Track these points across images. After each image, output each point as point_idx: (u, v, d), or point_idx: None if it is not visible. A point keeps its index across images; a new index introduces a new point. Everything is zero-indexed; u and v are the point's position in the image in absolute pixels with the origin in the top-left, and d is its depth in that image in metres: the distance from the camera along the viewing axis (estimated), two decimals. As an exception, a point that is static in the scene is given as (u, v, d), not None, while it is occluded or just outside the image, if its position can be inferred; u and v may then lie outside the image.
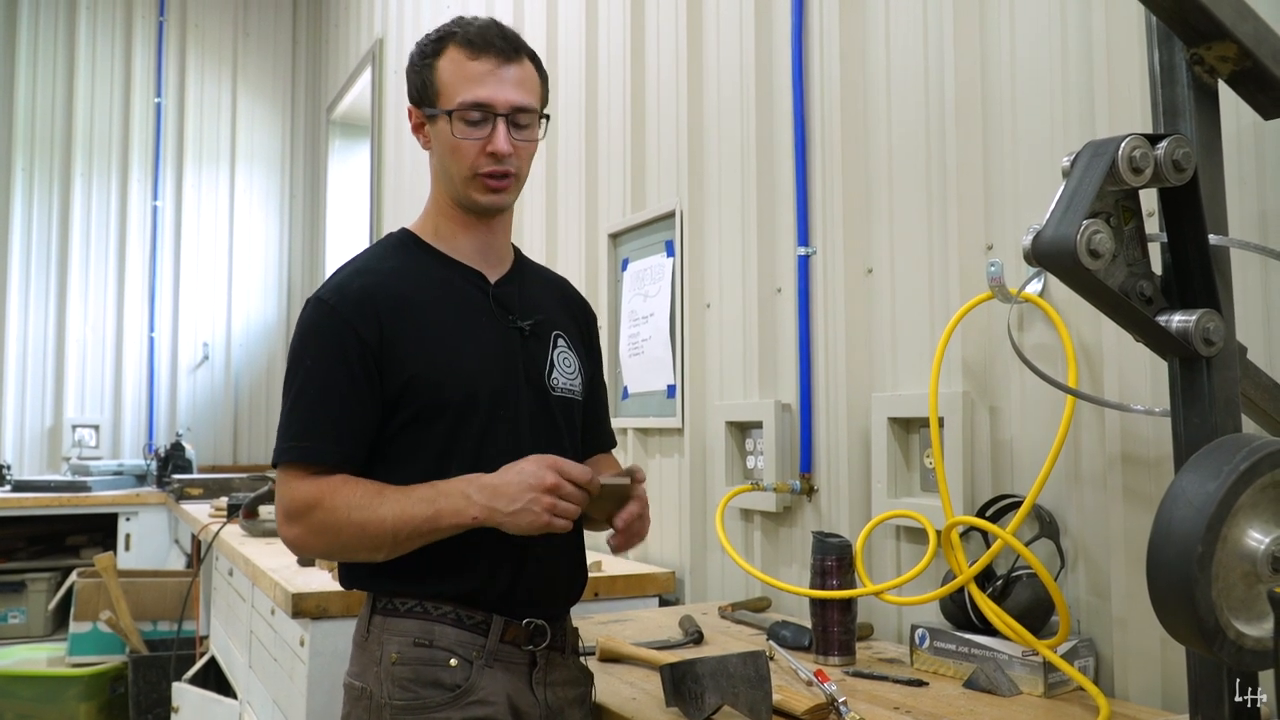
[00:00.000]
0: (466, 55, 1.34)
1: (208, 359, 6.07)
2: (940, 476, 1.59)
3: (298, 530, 1.28)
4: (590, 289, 2.84)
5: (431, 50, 1.36)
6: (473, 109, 1.33)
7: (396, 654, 1.28)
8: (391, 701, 1.27)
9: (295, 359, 1.33)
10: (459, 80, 1.33)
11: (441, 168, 1.39)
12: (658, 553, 2.52)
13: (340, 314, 1.30)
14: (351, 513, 1.24)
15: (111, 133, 5.95)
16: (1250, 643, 0.90)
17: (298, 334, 1.34)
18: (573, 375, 1.46)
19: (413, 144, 4.47)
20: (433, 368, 1.31)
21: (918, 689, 1.46)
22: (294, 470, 1.29)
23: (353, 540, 1.25)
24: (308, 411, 1.30)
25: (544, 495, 1.22)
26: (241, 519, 3.00)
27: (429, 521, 1.24)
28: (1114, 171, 0.97)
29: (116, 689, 3.97)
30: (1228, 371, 1.03)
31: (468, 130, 1.33)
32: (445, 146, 1.36)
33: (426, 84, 1.36)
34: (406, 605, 1.31)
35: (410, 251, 1.41)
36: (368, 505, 1.25)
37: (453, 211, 1.41)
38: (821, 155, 2.02)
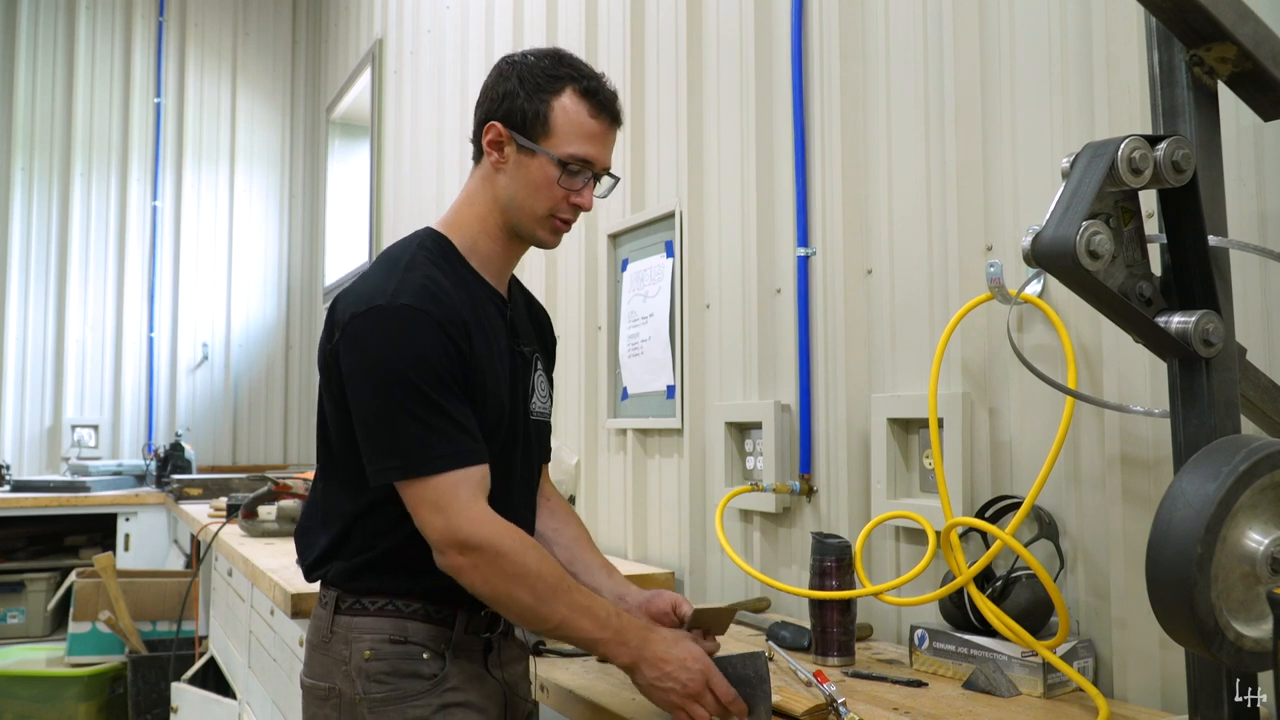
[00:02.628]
0: (588, 109, 1.34)
1: (207, 359, 6.07)
2: (940, 477, 1.59)
3: (472, 560, 1.22)
4: (590, 290, 2.84)
5: (548, 85, 1.34)
6: (580, 163, 1.35)
7: (370, 651, 1.30)
8: (368, 696, 1.29)
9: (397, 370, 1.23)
10: (574, 132, 1.34)
11: (512, 196, 1.36)
12: (657, 553, 2.52)
13: (440, 324, 1.26)
14: (538, 583, 1.23)
15: (111, 133, 5.95)
16: (1249, 644, 0.90)
17: (393, 340, 1.24)
18: (546, 399, 1.50)
19: (413, 145, 4.47)
20: (481, 389, 1.31)
21: (917, 690, 1.46)
22: (463, 486, 1.23)
23: (518, 602, 1.24)
24: (446, 415, 1.24)
25: (683, 698, 1.25)
26: (241, 519, 3.00)
27: (592, 643, 1.27)
28: (1113, 173, 0.97)
29: (116, 689, 3.97)
30: (1227, 373, 1.03)
31: (568, 180, 1.35)
32: (531, 182, 1.35)
33: (536, 116, 1.33)
34: (377, 604, 1.32)
35: (454, 264, 1.37)
36: (554, 586, 1.24)
37: (498, 234, 1.40)
38: (821, 156, 2.02)
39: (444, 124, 4.08)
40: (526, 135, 1.34)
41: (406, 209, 4.57)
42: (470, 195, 1.42)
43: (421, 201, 4.34)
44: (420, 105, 4.42)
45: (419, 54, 4.46)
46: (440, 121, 4.13)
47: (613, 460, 2.73)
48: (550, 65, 1.35)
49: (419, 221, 4.65)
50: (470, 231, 1.40)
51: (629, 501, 2.61)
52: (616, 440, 2.71)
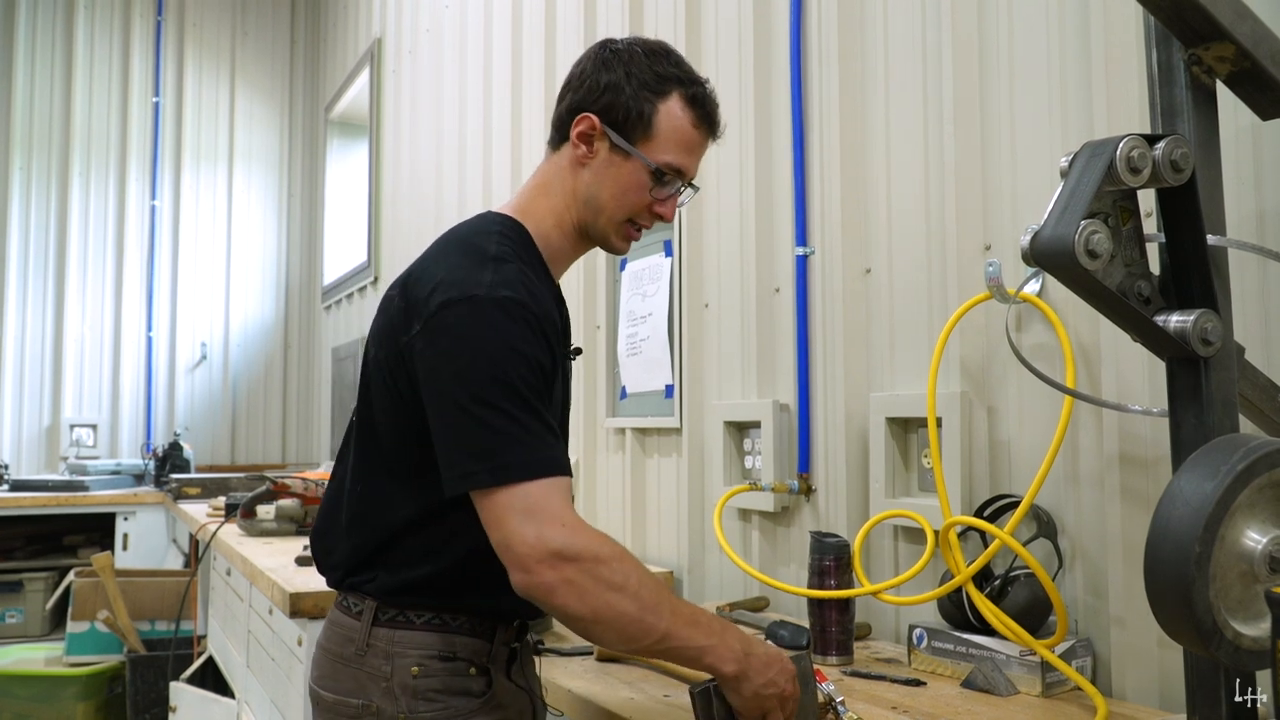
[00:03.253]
0: (692, 118, 1.28)
1: (205, 359, 6.07)
2: (938, 476, 1.59)
3: (567, 574, 1.08)
4: (588, 289, 2.84)
5: (655, 86, 1.26)
6: (675, 173, 1.28)
7: (419, 667, 1.23)
8: (414, 714, 1.21)
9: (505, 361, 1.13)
10: (675, 140, 1.27)
11: (594, 195, 1.28)
12: (656, 553, 2.52)
13: (540, 320, 1.17)
14: (642, 590, 1.11)
15: (109, 132, 5.95)
16: (1247, 642, 0.90)
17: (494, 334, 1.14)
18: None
19: (411, 144, 4.47)
20: (559, 392, 1.26)
21: (915, 689, 1.46)
22: (554, 495, 1.11)
23: (621, 618, 1.10)
24: (537, 419, 1.13)
25: (779, 704, 1.19)
26: (239, 519, 3.00)
27: (699, 651, 1.14)
28: (1112, 172, 0.97)
29: (114, 689, 3.97)
30: (1225, 372, 1.03)
31: (658, 189, 1.28)
32: (619, 184, 1.27)
33: (638, 116, 1.25)
34: (424, 618, 1.25)
35: (534, 255, 1.28)
36: (656, 595, 1.12)
37: (570, 231, 1.32)
38: (820, 155, 2.02)
39: (443, 123, 4.08)
40: (625, 135, 1.26)
41: (405, 208, 4.56)
42: (546, 184, 1.32)
43: (421, 200, 4.34)
44: (419, 105, 4.42)
45: (418, 53, 4.46)
46: (439, 121, 4.13)
47: (611, 460, 2.73)
48: (659, 63, 1.27)
49: (418, 222, 4.65)
50: (545, 223, 1.31)
51: (627, 501, 2.61)
52: (615, 440, 2.71)
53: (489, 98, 3.59)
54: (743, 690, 1.16)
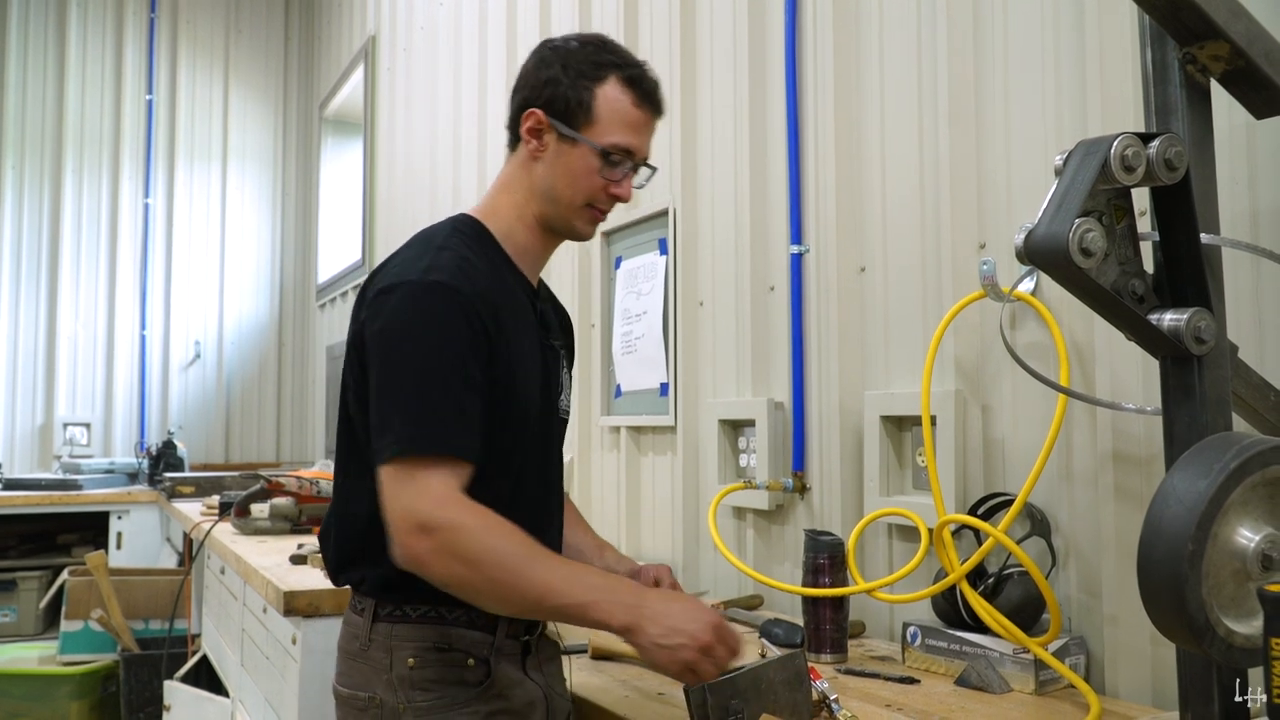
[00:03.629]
0: (632, 99, 1.32)
1: (199, 357, 6.05)
2: (932, 474, 1.59)
3: (432, 545, 1.13)
4: (583, 287, 2.84)
5: (591, 73, 1.31)
6: (622, 153, 1.32)
7: (415, 659, 1.25)
8: (413, 705, 1.24)
9: (419, 343, 1.20)
10: (618, 121, 1.31)
11: (550, 185, 1.33)
12: (650, 551, 2.52)
13: (472, 304, 1.22)
14: (506, 557, 1.14)
15: (102, 129, 5.93)
16: (1240, 640, 0.90)
17: (416, 316, 1.20)
18: (569, 397, 1.48)
19: (406, 142, 4.47)
20: (513, 374, 1.27)
21: (909, 686, 1.47)
22: (434, 472, 1.16)
23: (491, 581, 1.14)
24: (448, 403, 1.18)
25: (694, 651, 1.14)
26: (233, 517, 3.00)
27: (581, 608, 1.15)
28: (1106, 170, 0.97)
29: (108, 687, 3.95)
30: (1219, 370, 1.03)
31: (609, 170, 1.32)
32: (571, 172, 1.32)
33: (579, 104, 1.31)
34: (419, 611, 1.27)
35: (490, 248, 1.34)
36: (527, 556, 1.15)
37: (533, 223, 1.37)
38: (815, 153, 2.02)
39: (437, 121, 4.08)
40: (568, 123, 1.31)
41: (400, 206, 4.56)
42: (507, 182, 1.38)
43: (415, 198, 4.33)
44: (414, 102, 4.41)
45: (412, 51, 4.46)
46: (434, 118, 4.12)
47: (606, 458, 2.73)
48: (594, 52, 1.33)
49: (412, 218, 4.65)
50: (507, 219, 1.37)
51: (622, 499, 2.61)
52: (610, 438, 2.71)
53: (483, 95, 3.59)
54: (640, 641, 1.14)
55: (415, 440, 1.17)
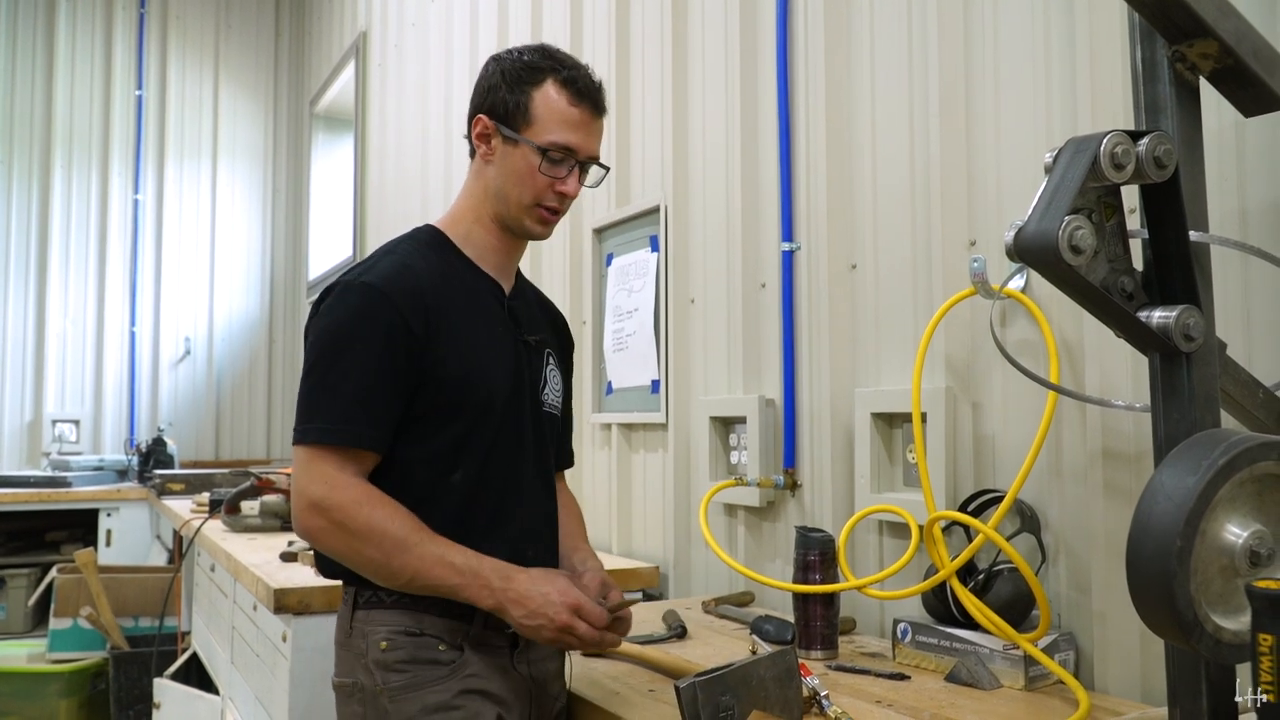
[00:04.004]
0: (567, 99, 1.39)
1: (189, 354, 6.03)
2: (923, 471, 1.60)
3: (320, 524, 1.27)
4: (575, 284, 2.83)
5: (528, 77, 1.39)
6: (561, 151, 1.38)
7: (386, 642, 1.31)
8: (387, 686, 1.30)
9: (337, 339, 1.30)
10: (554, 120, 1.38)
11: (500, 187, 1.41)
12: (642, 548, 2.53)
13: (393, 301, 1.30)
14: (384, 539, 1.25)
15: (92, 126, 5.90)
16: (1228, 636, 0.91)
17: (342, 314, 1.31)
18: (558, 393, 1.53)
19: (397, 138, 4.45)
20: (461, 369, 1.34)
21: (899, 683, 1.47)
22: (330, 457, 1.27)
23: (370, 561, 1.27)
24: (352, 394, 1.28)
25: (554, 631, 1.27)
26: (223, 514, 2.99)
27: (450, 590, 1.27)
28: (1096, 168, 0.97)
29: (97, 685, 3.94)
30: (1207, 367, 1.04)
31: (550, 168, 1.39)
32: (515, 172, 1.39)
33: (517, 107, 1.38)
34: (393, 597, 1.33)
35: (443, 253, 1.43)
36: (403, 539, 1.25)
37: (491, 225, 1.45)
38: (806, 150, 2.02)
39: (428, 117, 4.07)
40: (509, 126, 1.39)
41: (391, 203, 4.55)
42: (467, 189, 1.47)
43: (406, 195, 4.32)
44: (405, 98, 4.40)
45: (403, 47, 4.44)
46: (425, 115, 4.11)
47: (597, 455, 2.73)
48: (532, 58, 1.41)
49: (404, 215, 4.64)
50: (465, 223, 1.45)
51: (614, 496, 2.61)
52: (601, 435, 2.71)
53: (475, 92, 3.57)
54: (509, 621, 1.28)
55: (317, 430, 1.28)
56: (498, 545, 1.33)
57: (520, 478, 1.40)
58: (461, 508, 1.33)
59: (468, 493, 1.34)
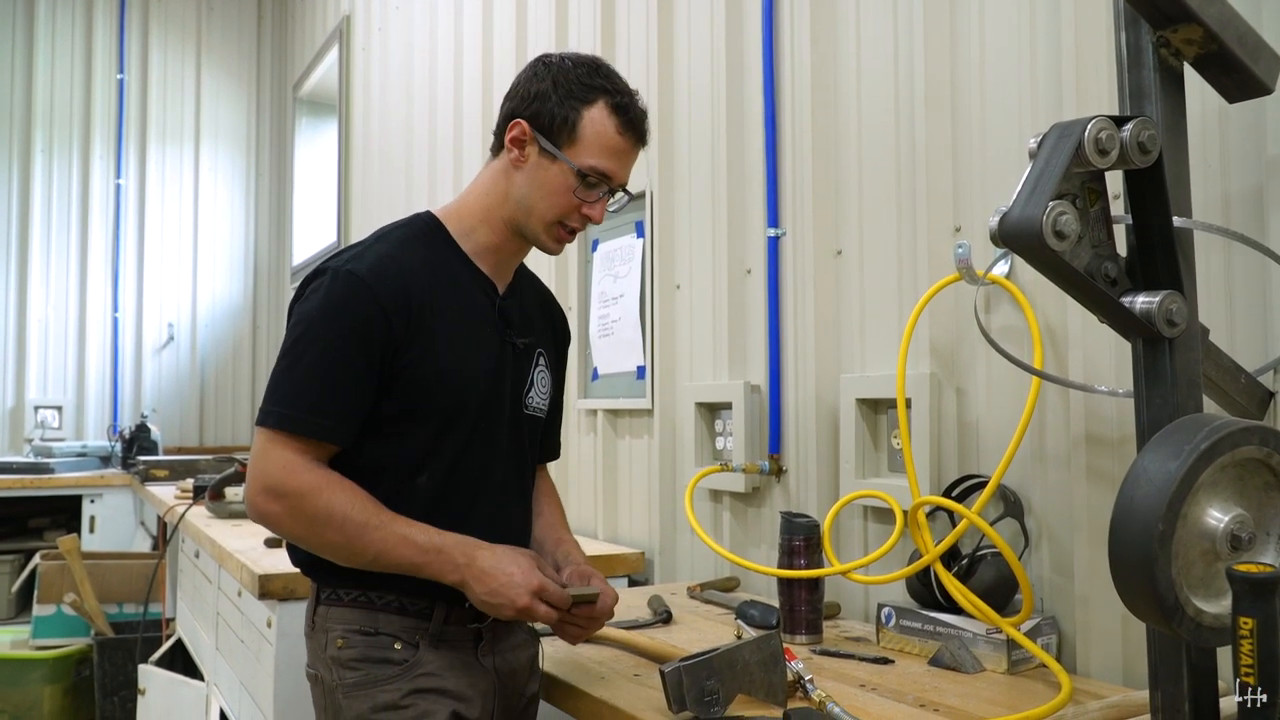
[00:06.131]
0: (616, 125, 1.35)
1: (173, 340, 5.99)
2: (907, 457, 1.60)
3: (277, 509, 1.25)
4: (560, 270, 2.83)
5: (581, 94, 1.34)
6: (599, 176, 1.35)
7: (342, 640, 1.32)
8: (342, 683, 1.31)
9: (315, 325, 1.28)
10: (599, 145, 1.34)
11: (524, 196, 1.36)
12: (627, 533, 2.53)
13: (376, 295, 1.28)
14: (345, 522, 1.24)
15: (72, 109, 5.84)
16: (1209, 619, 0.91)
17: (323, 300, 1.29)
18: (545, 395, 1.50)
19: (381, 124, 4.42)
20: (436, 371, 1.32)
21: (883, 666, 1.48)
22: (291, 443, 1.26)
23: (330, 543, 1.26)
24: (322, 384, 1.27)
25: (514, 611, 1.26)
26: (207, 501, 2.97)
27: (413, 568, 1.26)
28: (1080, 153, 0.97)
29: (82, 672, 3.92)
30: (1190, 352, 1.04)
31: (584, 191, 1.35)
32: (546, 187, 1.35)
33: (564, 122, 1.33)
34: (350, 595, 1.33)
35: (437, 245, 1.39)
36: (363, 521, 1.24)
37: (501, 228, 1.40)
38: (792, 137, 2.01)
39: (413, 102, 4.04)
40: (551, 139, 1.34)
41: (375, 188, 4.52)
42: (482, 185, 1.42)
43: (391, 180, 4.29)
44: (389, 83, 4.37)
45: (387, 31, 4.41)
46: (409, 99, 4.08)
47: (583, 441, 2.73)
48: (586, 74, 1.35)
49: (388, 201, 4.61)
50: (471, 220, 1.40)
51: (599, 482, 2.61)
52: (587, 421, 2.71)
53: (459, 76, 3.56)
54: (472, 597, 1.27)
55: (285, 417, 1.26)
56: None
57: (490, 482, 1.38)
58: (425, 511, 1.30)
59: (433, 496, 1.33)
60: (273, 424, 1.26)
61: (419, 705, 1.30)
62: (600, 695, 1.37)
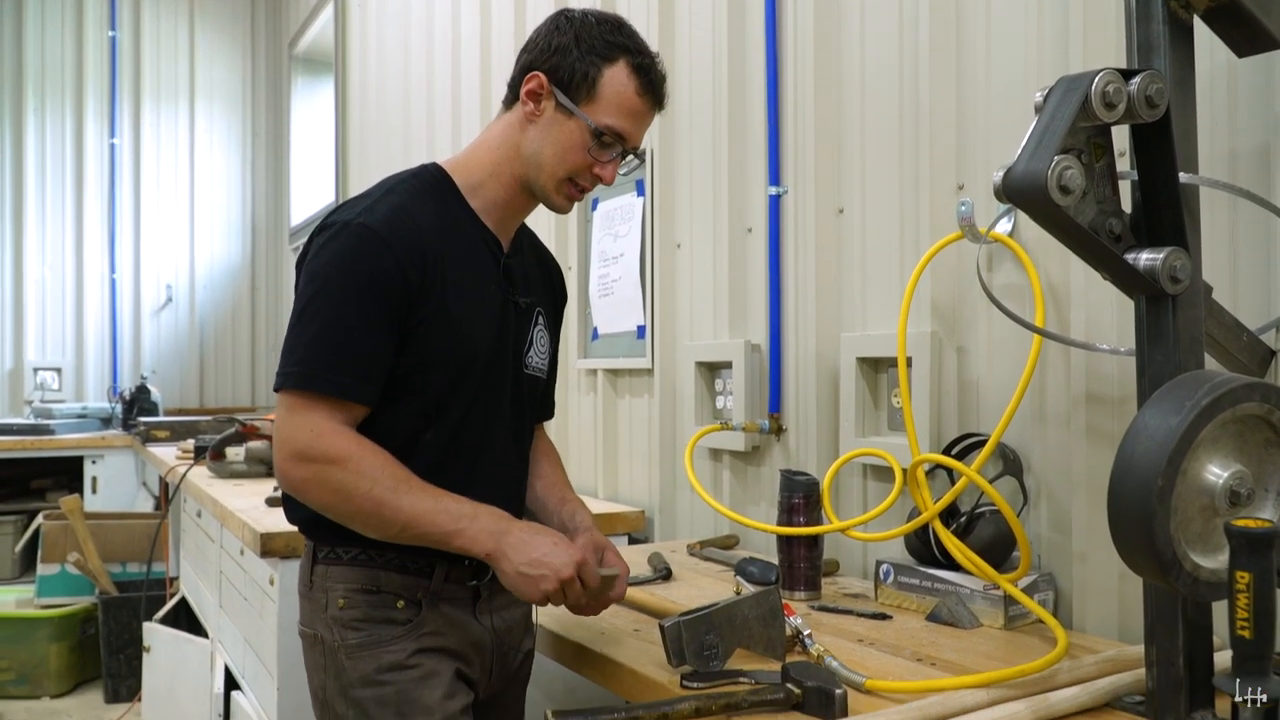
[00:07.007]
0: (636, 86, 1.32)
1: (171, 301, 5.98)
2: (907, 415, 1.60)
3: (306, 474, 1.22)
4: (560, 229, 2.81)
5: (603, 51, 1.31)
6: (614, 136, 1.32)
7: (344, 600, 1.31)
8: (345, 643, 1.30)
9: (330, 281, 1.24)
10: (618, 104, 1.31)
11: (536, 151, 1.33)
12: (628, 492, 2.54)
13: (393, 250, 1.24)
14: (374, 487, 1.21)
15: (64, 68, 5.78)
16: (1206, 574, 0.92)
17: (337, 255, 1.25)
18: (544, 354, 1.49)
19: (379, 81, 4.38)
20: (446, 328, 1.29)
21: (881, 622, 1.49)
22: (316, 406, 1.22)
23: (360, 512, 1.22)
24: (340, 342, 1.23)
25: (555, 582, 1.22)
26: (209, 461, 2.98)
27: (446, 535, 1.23)
28: (1087, 107, 0.96)
29: (87, 630, 3.97)
30: (1193, 310, 1.04)
31: (598, 150, 1.33)
32: (560, 143, 1.32)
33: (584, 78, 1.30)
34: (350, 553, 1.32)
35: (447, 200, 1.35)
36: (394, 488, 1.22)
37: (510, 183, 1.37)
38: (794, 94, 1.99)
39: (410, 60, 3.99)
40: (569, 95, 1.31)
41: (373, 147, 4.48)
42: (492, 138, 1.38)
43: (389, 138, 4.26)
44: (386, 40, 4.31)
45: (384, -14, 4.35)
46: (406, 55, 4.04)
47: (583, 401, 2.73)
48: (610, 31, 1.33)
49: (386, 158, 4.57)
50: (479, 173, 1.37)
51: (599, 442, 2.62)
52: (587, 380, 2.71)
53: (457, 32, 3.51)
54: (504, 568, 1.23)
55: (305, 377, 1.23)
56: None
57: (494, 440, 1.38)
58: (430, 468, 1.28)
59: (438, 453, 1.31)
60: (292, 385, 1.23)
61: (425, 665, 1.30)
62: (601, 651, 1.38)
